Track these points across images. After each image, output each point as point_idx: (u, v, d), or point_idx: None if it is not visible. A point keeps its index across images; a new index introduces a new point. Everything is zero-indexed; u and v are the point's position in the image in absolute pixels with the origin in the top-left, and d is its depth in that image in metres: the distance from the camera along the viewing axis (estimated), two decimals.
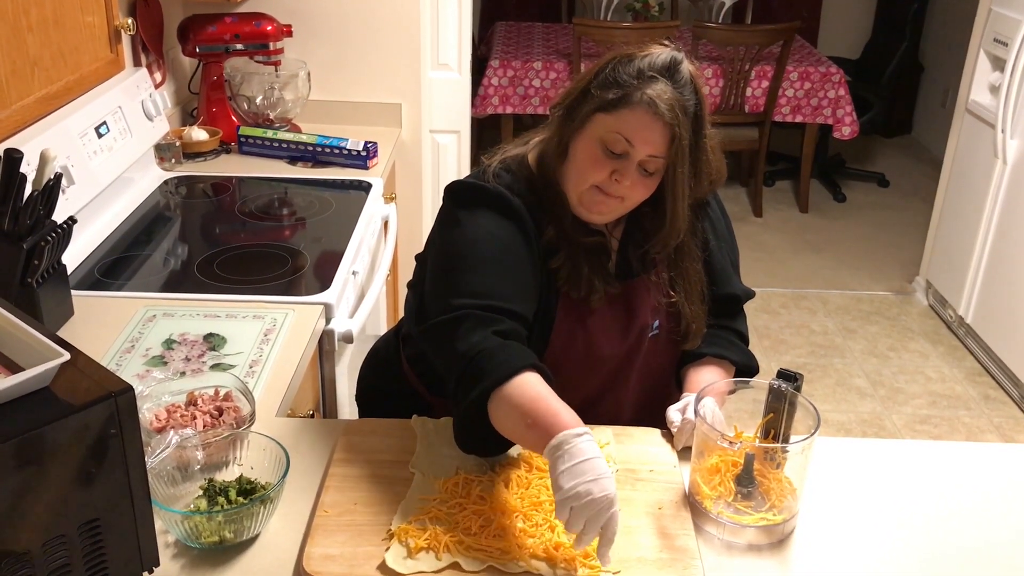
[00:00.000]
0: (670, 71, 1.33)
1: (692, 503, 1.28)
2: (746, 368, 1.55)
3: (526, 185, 1.42)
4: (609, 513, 1.10)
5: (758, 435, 1.30)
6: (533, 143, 1.47)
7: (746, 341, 1.58)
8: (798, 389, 1.28)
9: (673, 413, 1.41)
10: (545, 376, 1.25)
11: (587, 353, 1.45)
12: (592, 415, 1.37)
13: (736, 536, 1.23)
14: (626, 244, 1.47)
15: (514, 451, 1.35)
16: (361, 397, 1.75)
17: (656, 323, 1.48)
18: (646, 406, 1.53)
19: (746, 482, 1.25)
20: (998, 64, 3.41)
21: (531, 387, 1.22)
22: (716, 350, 1.52)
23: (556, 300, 1.42)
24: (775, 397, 1.28)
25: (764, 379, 1.32)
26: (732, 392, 1.39)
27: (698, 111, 1.36)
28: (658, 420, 1.47)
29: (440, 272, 1.39)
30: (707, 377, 1.48)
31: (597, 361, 1.46)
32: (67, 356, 1.00)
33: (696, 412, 1.26)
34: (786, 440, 1.29)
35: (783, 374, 1.29)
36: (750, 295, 1.60)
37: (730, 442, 1.26)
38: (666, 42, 1.38)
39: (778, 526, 1.24)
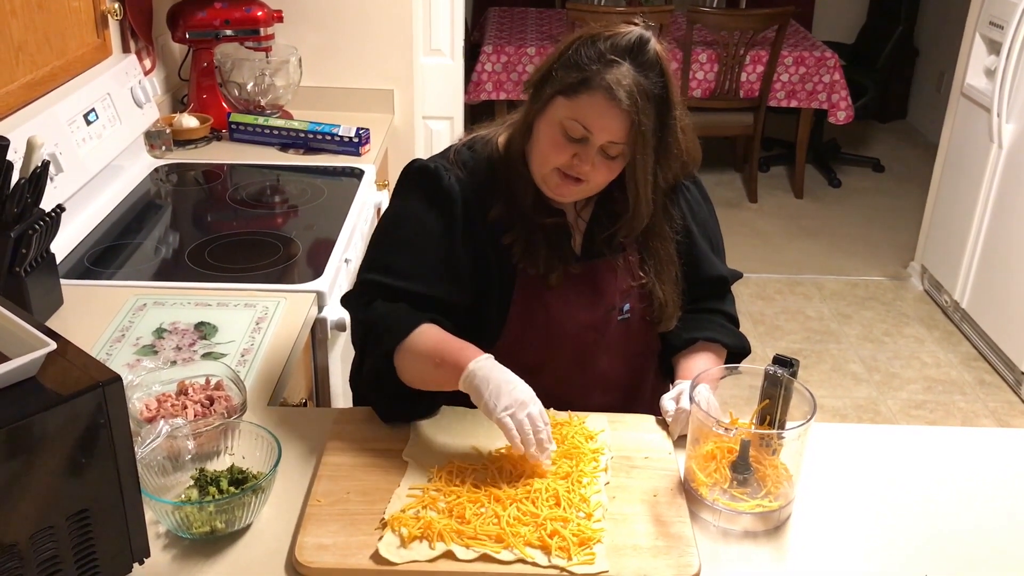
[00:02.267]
0: (634, 52, 1.29)
1: (687, 490, 1.27)
2: (739, 350, 1.54)
3: (485, 164, 1.42)
4: (538, 409, 1.24)
5: (754, 421, 1.30)
6: (506, 124, 1.47)
7: (736, 323, 1.58)
8: (794, 375, 1.27)
9: (667, 402, 1.40)
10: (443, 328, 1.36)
11: (547, 331, 1.44)
12: (558, 396, 1.40)
13: (732, 523, 1.23)
14: (593, 225, 1.46)
15: (506, 441, 1.34)
16: (355, 384, 1.74)
17: (626, 306, 1.47)
18: (621, 390, 1.52)
19: (742, 469, 1.25)
20: (994, 47, 3.40)
21: (432, 334, 1.34)
22: (707, 334, 1.51)
23: (513, 277, 1.42)
24: (771, 383, 1.27)
25: (760, 365, 1.31)
26: (723, 377, 1.38)
27: (664, 94, 1.31)
28: (636, 406, 1.47)
29: (368, 248, 1.47)
30: (700, 364, 1.47)
31: (558, 339, 1.45)
32: (53, 345, 0.99)
33: (691, 399, 1.26)
34: (782, 426, 1.28)
35: (779, 360, 1.28)
36: (737, 276, 1.59)
37: (725, 428, 1.25)
38: (637, 20, 1.34)
39: (774, 512, 1.23)
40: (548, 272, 1.41)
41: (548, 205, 1.42)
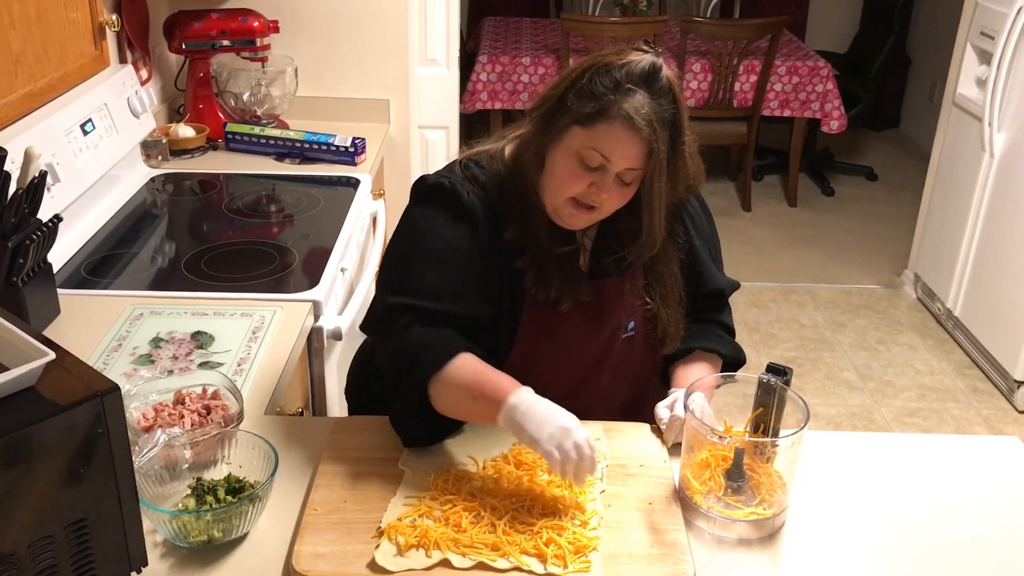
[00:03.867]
0: (647, 80, 1.29)
1: (682, 498, 1.28)
2: (734, 360, 1.55)
3: (496, 181, 1.41)
4: (584, 435, 1.22)
5: (748, 429, 1.30)
6: (508, 138, 1.46)
7: (732, 333, 1.58)
8: (787, 383, 1.28)
9: (662, 410, 1.41)
10: (479, 357, 1.33)
11: (555, 352, 1.45)
12: None
13: (726, 531, 1.24)
14: (600, 245, 1.46)
15: (502, 448, 1.35)
16: (351, 395, 1.74)
17: (631, 324, 1.48)
18: (623, 407, 1.53)
19: (736, 476, 1.26)
20: (985, 57, 3.42)
21: (469, 365, 1.32)
22: (703, 344, 1.52)
23: (523, 299, 1.41)
24: (764, 391, 1.28)
25: (753, 373, 1.32)
26: (719, 386, 1.38)
27: (676, 119, 1.32)
28: (638, 422, 1.46)
29: (386, 270, 1.44)
30: (695, 372, 1.48)
31: (566, 360, 1.46)
32: (52, 355, 1.00)
33: (686, 407, 1.26)
34: (776, 434, 1.29)
35: (773, 368, 1.29)
36: (735, 286, 1.60)
37: (720, 436, 1.26)
38: (645, 47, 1.34)
39: (768, 520, 1.24)
40: (559, 299, 1.40)
41: (561, 232, 1.41)
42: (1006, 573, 1.20)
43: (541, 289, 1.39)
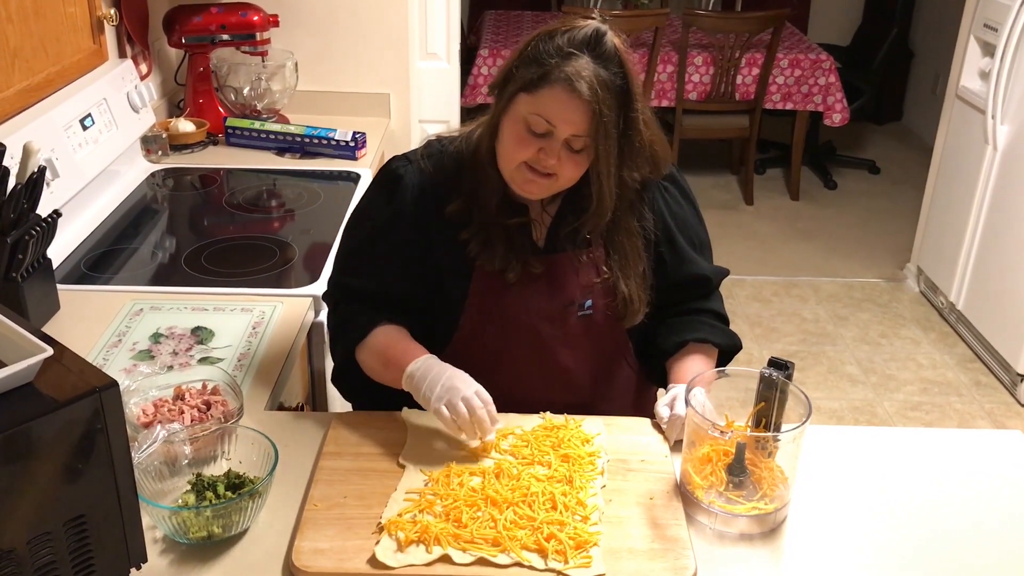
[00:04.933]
0: (591, 45, 1.31)
1: (684, 493, 1.27)
2: (730, 348, 1.55)
3: (452, 157, 1.46)
4: (473, 390, 1.30)
5: (749, 424, 1.30)
6: (478, 123, 1.48)
7: (725, 320, 1.58)
8: (789, 377, 1.27)
9: (662, 408, 1.41)
10: (405, 328, 1.45)
11: (504, 323, 1.46)
12: (518, 393, 1.42)
13: (728, 526, 1.23)
14: (559, 220, 1.47)
15: (502, 444, 1.34)
16: (351, 393, 1.73)
17: (588, 302, 1.47)
18: (586, 389, 1.52)
19: (738, 471, 1.25)
20: (988, 50, 3.41)
21: (383, 336, 1.44)
22: (696, 335, 1.51)
23: (470, 270, 1.44)
24: (766, 386, 1.27)
25: (755, 368, 1.32)
26: (717, 379, 1.38)
27: (625, 86, 1.33)
28: (603, 406, 1.48)
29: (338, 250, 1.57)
30: (692, 366, 1.47)
31: (514, 330, 1.47)
32: (50, 351, 0.99)
33: (687, 403, 1.26)
34: (777, 429, 1.29)
35: (774, 363, 1.28)
36: (722, 273, 1.59)
37: (721, 431, 1.25)
38: (593, 15, 1.36)
39: (770, 515, 1.23)
40: (505, 268, 1.42)
41: (513, 205, 1.43)
42: (1008, 567, 1.19)
43: (486, 259, 1.42)
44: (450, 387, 1.31)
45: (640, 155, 1.40)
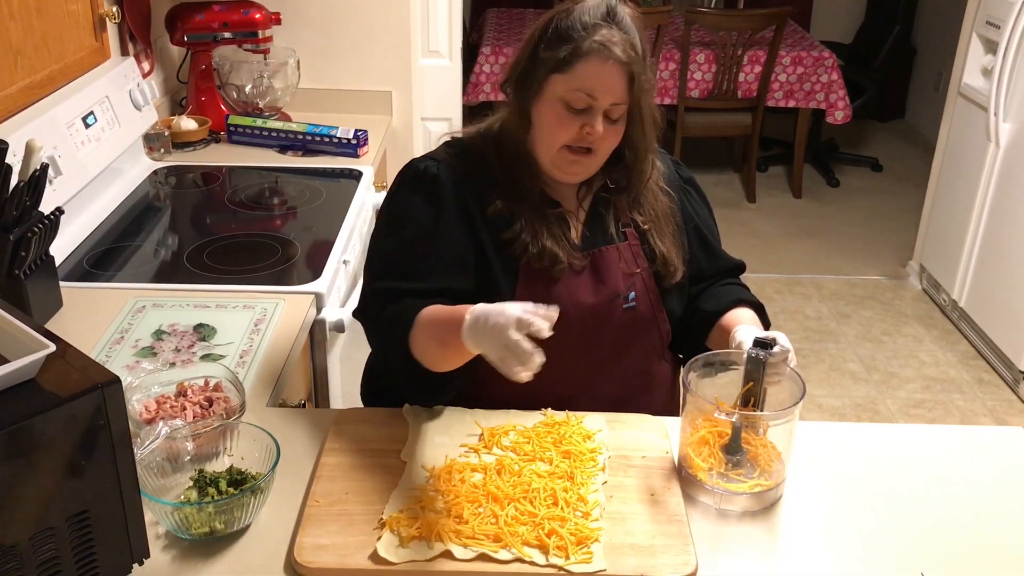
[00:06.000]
0: (609, 16, 1.35)
1: (685, 476, 1.28)
2: (764, 313, 1.59)
3: (476, 151, 1.46)
4: (520, 307, 1.15)
5: (738, 403, 1.30)
6: (490, 120, 1.49)
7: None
8: (771, 354, 1.27)
9: (747, 341, 1.34)
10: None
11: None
12: (564, 388, 1.42)
13: (731, 504, 1.25)
14: (593, 214, 1.48)
15: (504, 440, 1.35)
16: (364, 397, 1.72)
17: (631, 295, 1.48)
18: (630, 384, 1.52)
19: (734, 451, 1.27)
20: (990, 47, 3.40)
21: (427, 314, 1.33)
22: (739, 296, 1.55)
23: (516, 267, 1.43)
24: (753, 365, 1.28)
25: (740, 350, 1.33)
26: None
27: (643, 47, 1.37)
28: (646, 401, 1.48)
29: (368, 257, 1.49)
30: (746, 315, 1.50)
31: (563, 325, 1.44)
32: (52, 348, 1.00)
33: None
34: (763, 404, 1.29)
35: (759, 342, 1.29)
36: (743, 268, 1.67)
37: (726, 413, 1.26)
38: None
39: (770, 491, 1.26)
40: (553, 263, 1.42)
41: (550, 199, 1.46)
42: (1010, 563, 1.19)
43: (535, 257, 1.42)
44: (508, 317, 1.15)
45: (656, 114, 1.45)
